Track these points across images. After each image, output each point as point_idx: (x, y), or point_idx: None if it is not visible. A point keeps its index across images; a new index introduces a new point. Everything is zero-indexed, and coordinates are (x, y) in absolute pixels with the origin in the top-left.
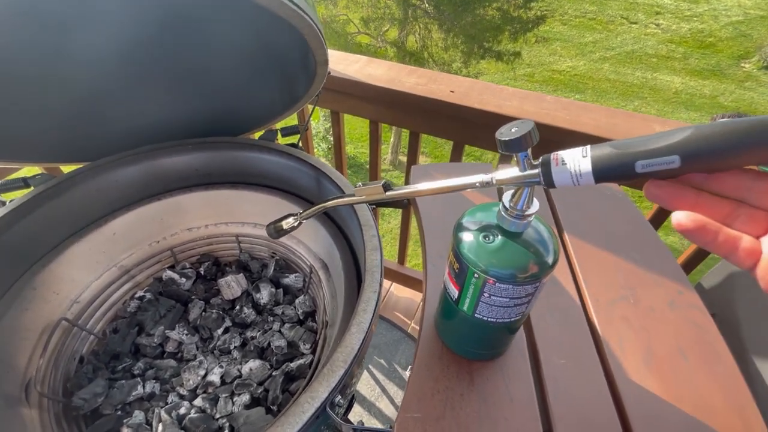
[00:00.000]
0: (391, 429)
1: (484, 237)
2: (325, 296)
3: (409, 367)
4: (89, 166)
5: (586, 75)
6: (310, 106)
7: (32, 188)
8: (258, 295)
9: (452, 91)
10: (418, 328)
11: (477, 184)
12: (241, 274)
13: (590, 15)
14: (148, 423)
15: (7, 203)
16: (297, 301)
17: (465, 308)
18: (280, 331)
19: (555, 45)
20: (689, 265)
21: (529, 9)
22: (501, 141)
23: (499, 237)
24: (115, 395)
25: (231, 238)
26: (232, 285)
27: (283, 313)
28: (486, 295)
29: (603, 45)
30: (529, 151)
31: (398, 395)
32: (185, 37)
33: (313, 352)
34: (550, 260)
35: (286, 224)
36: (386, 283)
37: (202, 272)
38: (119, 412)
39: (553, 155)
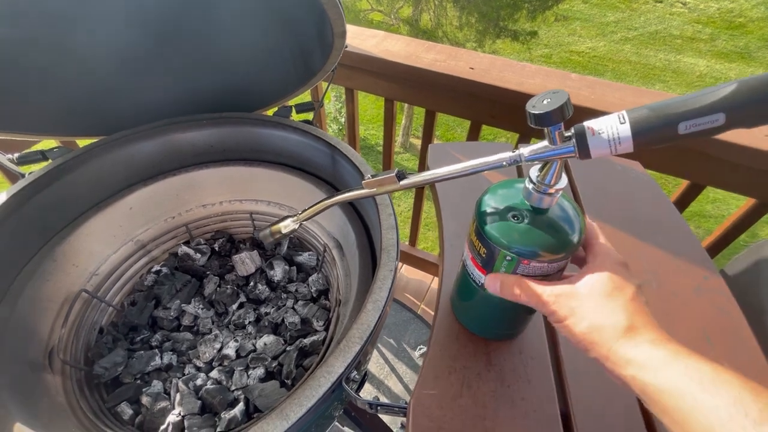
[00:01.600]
0: (406, 405)
1: (513, 217)
2: (339, 275)
3: (419, 347)
4: (106, 139)
5: (605, 56)
6: (324, 84)
7: (50, 161)
8: (272, 272)
9: (472, 68)
10: (428, 309)
11: (504, 163)
12: (255, 251)
13: None
14: (166, 392)
15: (26, 175)
16: (310, 279)
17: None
18: (293, 308)
19: (574, 25)
20: (714, 250)
21: None
22: (532, 114)
23: (528, 215)
24: (135, 365)
25: (245, 215)
26: (246, 261)
27: (296, 290)
28: (519, 274)
29: (625, 25)
30: (562, 124)
31: (407, 374)
32: (200, 11)
33: (326, 329)
34: (579, 235)
35: (284, 228)
36: None
37: (216, 248)
38: (138, 381)
39: (586, 125)
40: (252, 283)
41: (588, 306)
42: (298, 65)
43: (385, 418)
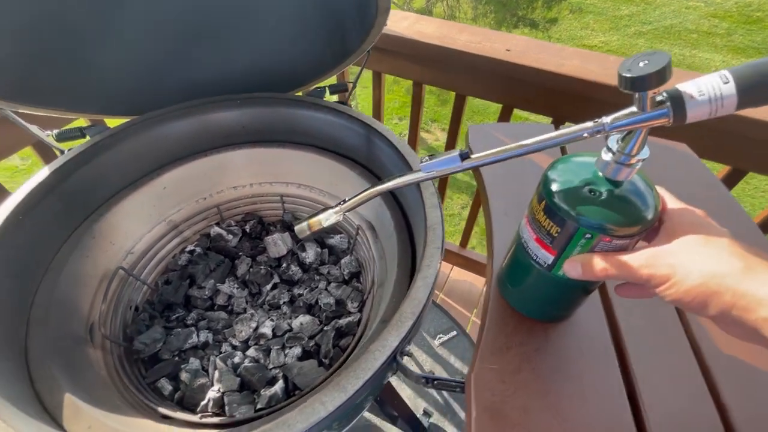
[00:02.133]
0: (462, 380)
1: (589, 192)
2: (374, 257)
3: (438, 335)
4: (141, 117)
5: (619, 51)
6: (355, 68)
7: (88, 138)
8: (303, 254)
9: (508, 50)
10: (446, 298)
11: (585, 134)
12: (287, 233)
13: None
14: (204, 370)
15: (66, 152)
16: (342, 261)
17: (561, 273)
18: (326, 290)
19: (587, 18)
20: (765, 227)
21: None
22: (627, 78)
23: (605, 189)
24: (173, 342)
25: (275, 198)
26: (278, 243)
27: (328, 272)
28: (596, 251)
29: (639, 19)
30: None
31: (427, 363)
32: None
33: (360, 311)
34: (657, 205)
35: (325, 220)
36: None
37: (247, 230)
38: (176, 358)
39: (680, 87)
40: (285, 265)
41: (690, 258)
42: (334, 45)
43: (408, 403)
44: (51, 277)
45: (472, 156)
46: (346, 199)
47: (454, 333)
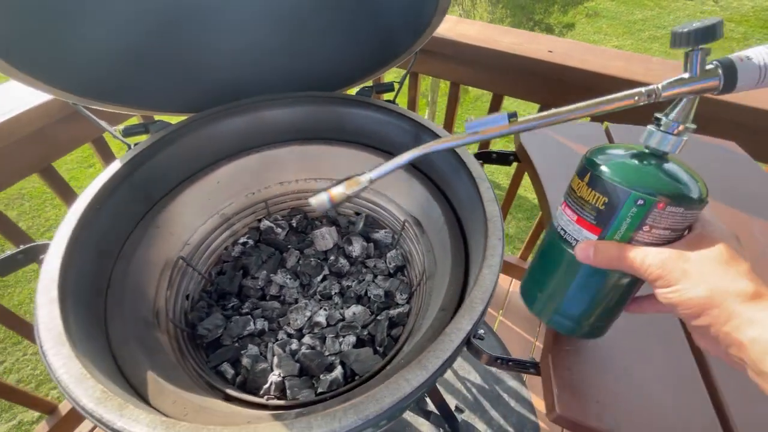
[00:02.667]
0: (535, 361)
1: (639, 160)
2: (421, 250)
3: None
4: (200, 114)
5: None
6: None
7: (151, 134)
8: (350, 248)
9: (551, 51)
10: None
11: (636, 98)
12: (333, 228)
13: None
14: (262, 355)
15: (132, 146)
16: (389, 254)
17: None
18: (374, 282)
19: (601, 23)
20: None
21: None
22: (682, 33)
23: (653, 158)
24: (233, 328)
25: None
26: (326, 236)
27: (374, 266)
28: (646, 228)
29: (654, 23)
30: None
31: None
32: None
33: (409, 302)
34: (703, 193)
35: (350, 187)
36: None
37: (294, 224)
38: (236, 344)
39: (732, 56)
40: (333, 257)
41: (704, 270)
42: (383, 46)
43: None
44: (122, 265)
45: (520, 118)
46: (377, 166)
47: (482, 331)
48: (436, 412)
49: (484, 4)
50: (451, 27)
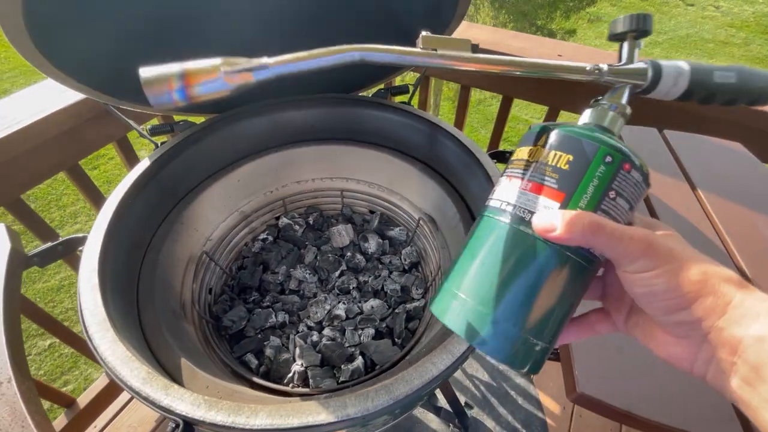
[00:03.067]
0: (556, 349)
1: (593, 129)
2: (436, 247)
3: None
4: (223, 115)
5: None
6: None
7: (176, 133)
8: (366, 245)
9: (560, 55)
10: None
11: (588, 68)
12: (349, 225)
13: None
14: (284, 346)
15: (159, 145)
16: (404, 251)
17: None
18: (390, 277)
19: (602, 27)
20: None
21: None
22: (613, 22)
23: (603, 130)
24: (256, 321)
25: (335, 193)
26: (342, 233)
27: (390, 262)
28: (612, 194)
29: (655, 28)
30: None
31: None
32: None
33: (424, 297)
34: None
35: (229, 65)
36: None
37: (311, 222)
38: (259, 336)
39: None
40: (350, 254)
41: (688, 251)
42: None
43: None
44: (151, 258)
45: (481, 55)
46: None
47: None
48: (446, 407)
49: (486, 9)
50: (463, 31)
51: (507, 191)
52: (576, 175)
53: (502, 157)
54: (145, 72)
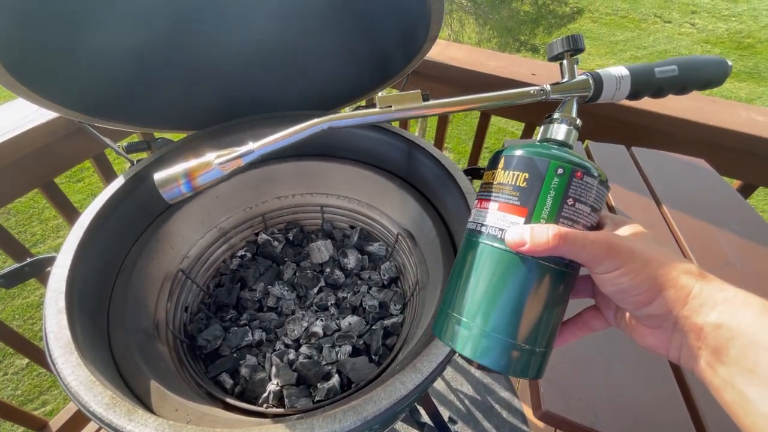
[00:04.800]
0: None
1: (546, 146)
2: (414, 262)
3: None
4: (201, 132)
5: None
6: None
7: (153, 150)
8: (345, 260)
9: (533, 74)
10: None
11: (532, 92)
12: (329, 241)
13: (622, 13)
14: (260, 365)
15: (135, 162)
16: (383, 266)
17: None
18: (369, 293)
19: (584, 43)
20: None
21: (565, 4)
22: (554, 43)
23: (556, 145)
24: (231, 339)
25: (315, 208)
26: (321, 249)
27: (369, 277)
28: (570, 201)
29: (634, 44)
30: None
31: (447, 371)
32: (292, 19)
33: (402, 312)
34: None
35: (221, 158)
36: None
37: (290, 238)
38: (234, 355)
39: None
40: (329, 269)
41: (648, 249)
42: (377, 69)
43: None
44: (124, 277)
45: (432, 101)
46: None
47: None
48: (429, 423)
49: (472, 25)
50: (441, 50)
51: (480, 213)
52: (534, 190)
53: (477, 174)
54: (158, 176)
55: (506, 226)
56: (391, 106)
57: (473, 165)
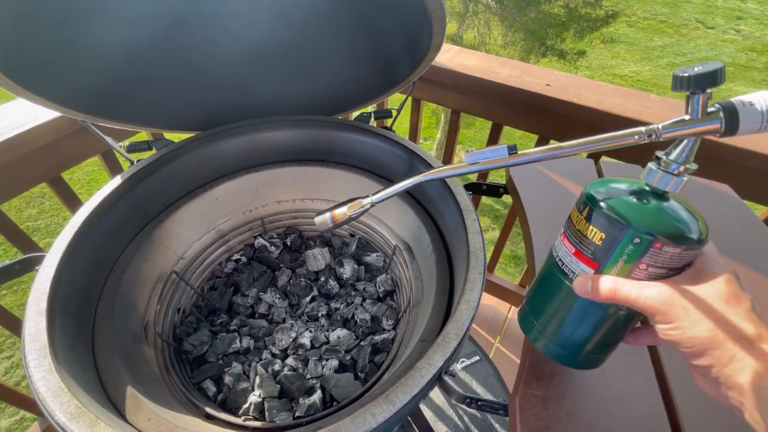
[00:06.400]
0: (506, 403)
1: (637, 198)
2: (410, 277)
3: (461, 359)
4: (203, 134)
5: (650, 81)
6: (400, 96)
7: (154, 151)
8: (341, 270)
9: (548, 85)
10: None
11: (636, 137)
12: (326, 249)
13: (661, 17)
14: (245, 374)
15: (135, 162)
16: (378, 279)
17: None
18: (362, 305)
19: (619, 48)
20: None
21: (599, 7)
22: (683, 77)
23: (652, 197)
24: (218, 345)
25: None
26: (317, 257)
27: (364, 289)
28: (642, 266)
29: (672, 50)
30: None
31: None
32: (294, 22)
33: (395, 329)
34: (704, 228)
35: (351, 209)
36: None
37: (288, 243)
38: (220, 362)
39: (734, 100)
40: (323, 278)
41: (705, 307)
42: (382, 75)
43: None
44: (115, 277)
45: (520, 152)
46: (380, 190)
47: (477, 358)
48: None
49: (498, 27)
50: (452, 57)
51: (561, 248)
52: (607, 251)
53: (479, 190)
54: (317, 220)
55: (578, 271)
56: (478, 164)
57: (484, 175)
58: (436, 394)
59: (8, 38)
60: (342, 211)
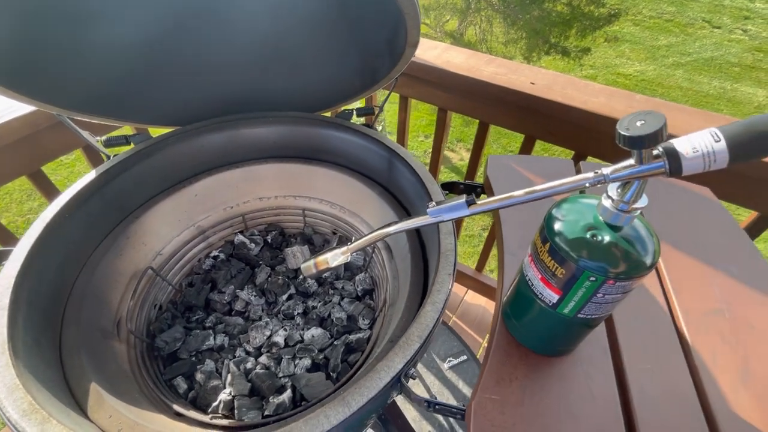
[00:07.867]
0: (464, 407)
1: (592, 236)
2: (387, 276)
3: (448, 358)
4: (182, 129)
5: (655, 81)
6: (384, 92)
7: (132, 146)
8: None
9: (533, 83)
10: (458, 321)
11: (587, 184)
12: (306, 246)
13: (667, 16)
14: (218, 372)
15: (111, 157)
16: (357, 278)
17: (566, 311)
18: (339, 304)
19: (623, 47)
20: None
21: (602, 5)
22: (626, 137)
23: (607, 233)
24: (191, 342)
25: (297, 211)
26: (297, 255)
27: (342, 287)
28: (600, 295)
29: (678, 50)
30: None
31: (435, 385)
32: (277, 18)
33: (371, 328)
34: (656, 251)
35: (332, 260)
36: None
37: (269, 240)
38: (193, 359)
39: (674, 143)
40: (301, 277)
41: None
42: (364, 72)
43: (413, 425)
44: (87, 273)
45: (478, 202)
46: (353, 240)
47: (465, 357)
48: None
49: (500, 25)
50: (439, 54)
51: (530, 271)
52: (568, 284)
53: (456, 189)
54: (302, 265)
55: (545, 294)
56: (441, 216)
57: (472, 174)
58: (420, 392)
59: None
60: (324, 259)
